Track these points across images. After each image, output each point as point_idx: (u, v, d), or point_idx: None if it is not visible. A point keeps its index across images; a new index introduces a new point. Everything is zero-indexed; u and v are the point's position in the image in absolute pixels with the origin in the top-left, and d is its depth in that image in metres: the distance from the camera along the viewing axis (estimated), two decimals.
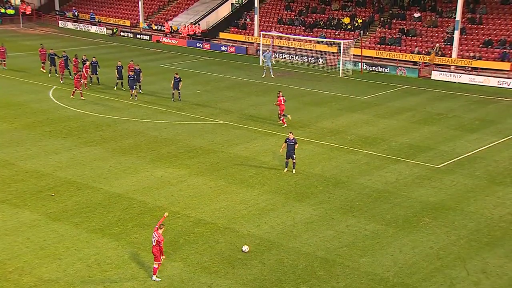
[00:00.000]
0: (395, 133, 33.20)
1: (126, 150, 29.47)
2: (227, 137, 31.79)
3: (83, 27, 72.53)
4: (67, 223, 21.74)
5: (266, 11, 64.18)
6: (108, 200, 23.70)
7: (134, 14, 72.42)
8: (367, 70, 51.28)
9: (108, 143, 30.36)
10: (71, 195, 24.13)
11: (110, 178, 25.83)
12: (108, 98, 39.48)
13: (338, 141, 31.38)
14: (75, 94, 39.08)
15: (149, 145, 30.15)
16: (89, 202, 23.52)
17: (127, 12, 74.02)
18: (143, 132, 32.36)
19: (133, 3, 74.29)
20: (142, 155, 28.82)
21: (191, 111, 36.81)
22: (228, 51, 59.83)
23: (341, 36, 56.10)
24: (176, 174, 26.42)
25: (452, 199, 24.47)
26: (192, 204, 23.42)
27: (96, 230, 21.26)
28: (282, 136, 31.93)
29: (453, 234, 21.53)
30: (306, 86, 44.71)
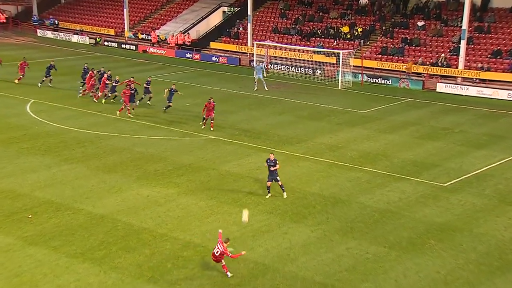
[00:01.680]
0: (398, 149, 33.29)
1: (110, 167, 29.41)
2: (218, 154, 31.79)
3: (64, 36, 72.71)
4: (45, 247, 21.59)
5: (260, 20, 64.54)
6: (90, 221, 23.60)
7: (119, 23, 72.70)
8: (367, 82, 51.51)
9: (90, 160, 30.31)
10: (49, 216, 24.02)
11: (93, 198, 25.75)
12: (91, 112, 39.48)
13: (337, 158, 31.42)
14: (122, 111, 38.43)
15: (135, 162, 30.12)
16: (69, 224, 23.41)
17: (111, 20, 74.31)
18: (129, 148, 32.33)
19: (118, 11, 74.60)
20: (128, 173, 28.77)
21: (180, 126, 36.83)
22: (219, 62, 60.04)
23: (340, 46, 56.40)
24: (164, 193, 26.37)
25: (460, 220, 24.49)
26: (181, 226, 23.36)
27: (76, 255, 21.14)
28: (278, 153, 31.93)
29: (461, 258, 21.51)
30: (303, 99, 44.84)
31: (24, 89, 45.84)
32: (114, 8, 76.17)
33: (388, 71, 52.51)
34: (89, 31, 72.91)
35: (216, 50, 63.12)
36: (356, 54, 53.47)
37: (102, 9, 77.21)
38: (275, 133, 35.82)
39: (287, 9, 64.40)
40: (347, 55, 51.27)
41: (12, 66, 50.32)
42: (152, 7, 74.18)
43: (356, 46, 55.67)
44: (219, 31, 65.03)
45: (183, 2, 73.22)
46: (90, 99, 42.54)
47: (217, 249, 19.59)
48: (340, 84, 49.55)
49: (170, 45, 64.87)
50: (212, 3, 69.44)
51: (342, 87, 49.44)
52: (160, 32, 67.50)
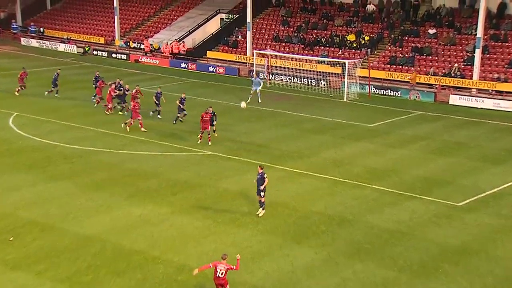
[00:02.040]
0: (408, 165, 33.31)
1: (100, 184, 29.42)
2: (215, 170, 31.80)
3: (50, 45, 72.99)
4: (28, 272, 21.50)
5: (260, 27, 64.82)
6: (77, 243, 23.55)
7: (109, 30, 72.99)
8: (375, 94, 51.64)
9: (78, 177, 30.32)
10: (33, 238, 23.95)
11: (80, 218, 25.72)
12: (78, 126, 39.55)
13: (342, 174, 31.44)
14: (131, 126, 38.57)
15: (126, 179, 30.13)
16: (54, 246, 23.35)
17: (100, 28, 74.61)
18: (120, 164, 32.36)
19: (108, 18, 74.95)
20: (118, 190, 28.77)
21: (174, 140, 36.85)
22: (217, 72, 60.24)
23: (345, 55, 56.61)
24: (157, 212, 26.36)
25: (476, 242, 24.45)
26: (176, 247, 23.33)
27: (62, 279, 21.06)
28: (279, 169, 31.97)
29: (478, 283, 21.44)
30: (305, 112, 44.94)
31: (7, 101, 45.95)
32: (104, 15, 76.51)
33: (397, 82, 52.64)
34: (77, 39, 73.22)
35: (213, 59, 63.32)
36: (363, 64, 53.66)
37: (91, 16, 77.56)
38: (276, 147, 35.87)
39: (289, 16, 64.72)
40: (353, 65, 51.44)
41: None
42: (145, 14, 74.53)
43: (363, 55, 55.86)
44: (217, 40, 65.28)
45: (178, 8, 73.60)
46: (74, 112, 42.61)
47: (220, 270, 19.30)
48: (345, 96, 49.67)
49: (164, 54, 65.11)
50: (209, 9, 69.76)
51: (348, 99, 49.56)
52: (153, 41, 67.77)
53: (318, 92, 52.31)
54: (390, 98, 50.70)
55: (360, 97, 50.11)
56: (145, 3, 76.16)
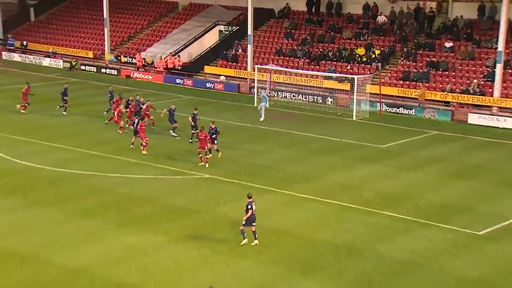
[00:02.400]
0: (423, 189, 33.35)
1: (89, 211, 29.46)
2: (214, 194, 31.86)
3: (33, 60, 73.33)
4: None
5: (262, 40, 65.13)
6: (64, 276, 23.49)
7: (98, 44, 73.35)
8: (387, 112, 51.78)
9: (65, 203, 30.36)
10: (13, 270, 23.77)
11: (68, 248, 25.71)
12: (64, 147, 39.68)
13: (351, 199, 31.49)
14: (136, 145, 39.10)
15: (118, 205, 30.19)
16: (37, 279, 23.19)
17: (89, 41, 74.95)
18: (111, 189, 32.42)
19: (97, 30, 75.31)
20: (110, 217, 28.83)
21: (169, 162, 36.96)
22: (215, 88, 60.45)
23: (354, 71, 56.82)
24: (151, 241, 26.40)
25: (497, 274, 24.38)
26: (171, 279, 23.35)
27: None
28: (283, 193, 32.00)
29: None
30: (311, 131, 45.05)
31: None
32: (92, 27, 76.88)
33: (410, 100, 52.77)
34: (63, 53, 73.54)
35: (211, 75, 63.55)
36: (373, 79, 53.80)
37: (78, 28, 77.93)
38: (279, 170, 35.92)
39: (293, 28, 65.07)
40: (362, 80, 51.57)
41: None
42: (137, 26, 74.94)
43: (373, 70, 56.08)
44: (215, 53, 65.54)
45: (173, 20, 74.02)
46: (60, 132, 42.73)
47: None
48: (354, 114, 49.77)
49: (158, 69, 65.36)
50: (206, 21, 70.14)
51: (357, 117, 49.66)
52: (146, 55, 68.09)
53: (325, 110, 52.38)
54: (403, 117, 50.80)
55: (371, 116, 50.19)
56: (137, 14, 76.61)
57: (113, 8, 74.56)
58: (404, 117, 50.68)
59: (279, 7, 67.83)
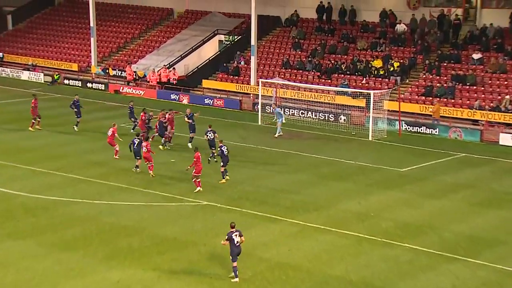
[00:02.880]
0: (449, 219, 33.15)
1: (70, 243, 29.27)
2: (212, 224, 31.66)
3: (10, 73, 73.38)
4: None
5: (267, 51, 65.23)
6: None
7: (84, 55, 73.55)
8: (407, 131, 51.67)
9: (43, 234, 30.17)
10: None
11: (44, 285, 25.48)
12: (45, 172, 39.57)
13: (368, 230, 31.28)
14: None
15: (103, 236, 29.99)
16: None
17: (73, 52, 75.18)
18: (95, 217, 32.26)
19: (83, 40, 75.63)
20: (92, 250, 28.63)
21: (162, 188, 36.82)
22: (214, 105, 60.42)
23: (370, 85, 56.78)
24: (140, 277, 26.19)
25: None
26: None
27: None
28: (290, 223, 31.80)
29: None
30: (322, 153, 44.95)
31: None
32: (77, 37, 77.18)
33: (433, 118, 52.63)
34: (44, 65, 73.77)
35: (210, 90, 63.58)
36: (391, 95, 53.74)
37: (61, 37, 78.23)
38: (287, 196, 35.77)
39: (302, 37, 65.17)
40: (379, 96, 51.55)
41: None
42: (128, 35, 75.17)
43: (392, 85, 56.02)
44: (214, 66, 65.67)
45: (168, 29, 74.27)
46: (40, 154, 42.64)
47: None
48: (371, 134, 49.71)
49: (151, 83, 65.42)
50: (205, 30, 70.35)
51: (374, 138, 49.59)
52: (137, 67, 68.18)
53: (338, 129, 52.33)
54: (426, 137, 50.68)
55: (389, 136, 50.13)
56: (127, 23, 76.95)
57: (100, 15, 74.89)
58: (426, 137, 50.55)
59: (286, 14, 68.07)
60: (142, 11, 77.79)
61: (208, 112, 57.76)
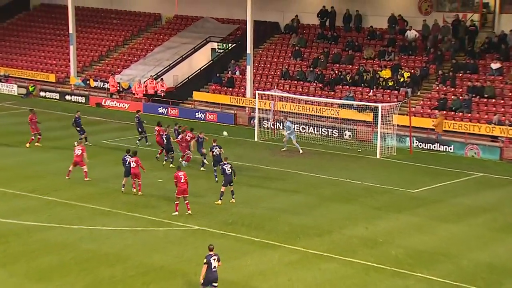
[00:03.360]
0: (466, 246, 33.07)
1: (45, 273, 29.09)
2: (203, 251, 31.25)
3: None
4: None
5: (265, 60, 65.28)
6: None
7: (62, 65, 73.56)
8: (419, 148, 51.67)
9: (15, 264, 29.98)
10: None
11: None
12: (17, 193, 39.43)
13: (376, 258, 31.16)
14: None
15: (82, 265, 29.82)
16: None
17: (50, 61, 75.17)
18: (73, 244, 32.10)
19: (61, 48, 75.68)
20: (70, 281, 28.47)
21: (148, 211, 36.70)
22: (206, 119, 60.39)
23: (378, 98, 56.77)
24: None
25: None
26: None
27: None
28: (290, 250, 31.67)
29: None
30: (325, 173, 44.92)
31: None
32: (55, 44, 77.20)
33: (449, 134, 52.66)
34: (18, 76, 73.66)
35: (201, 103, 63.54)
36: (401, 108, 53.78)
37: (37, 45, 78.24)
38: (286, 221, 35.66)
39: (303, 45, 65.23)
40: (388, 110, 51.55)
41: None
42: (111, 43, 75.20)
43: (402, 97, 56.01)
44: (206, 77, 65.67)
45: (155, 36, 74.33)
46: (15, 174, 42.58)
47: None
48: (378, 151, 49.70)
49: (136, 96, 65.38)
50: (196, 37, 70.43)
51: (382, 155, 49.57)
52: (121, 78, 68.16)
53: (342, 146, 52.35)
54: (439, 155, 50.68)
55: (398, 153, 50.13)
56: (110, 29, 77.05)
57: (80, 21, 75.00)
58: (440, 155, 50.57)
59: (285, 20, 68.18)
60: (127, 16, 77.88)
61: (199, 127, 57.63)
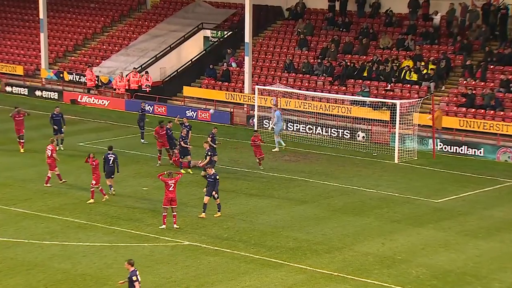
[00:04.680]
0: (500, 265, 33.03)
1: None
2: (195, 271, 31.53)
3: None
4: None
5: (266, 50, 65.31)
6: None
7: (32, 55, 73.61)
8: (443, 152, 51.73)
9: None
10: None
11: None
12: None
13: (394, 278, 31.15)
14: None
15: None
16: None
17: (18, 51, 75.23)
18: (44, 263, 32.11)
19: (30, 36, 75.73)
20: None
21: (131, 224, 36.75)
22: (198, 118, 60.41)
23: (396, 93, 56.75)
24: None
25: None
26: None
27: None
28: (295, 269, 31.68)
29: None
30: (335, 180, 44.99)
31: None
32: (23, 32, 77.27)
33: (478, 135, 52.72)
34: None
35: (192, 99, 63.58)
36: (423, 105, 53.76)
37: (3, 33, 78.20)
38: (290, 235, 35.70)
39: (309, 33, 65.20)
40: (408, 107, 51.52)
41: None
42: (88, 30, 75.20)
43: (424, 93, 56.03)
44: (199, 69, 65.70)
45: (139, 22, 74.39)
46: None
47: None
48: (396, 155, 49.75)
49: (117, 91, 65.36)
50: (186, 23, 70.51)
51: (401, 160, 49.61)
52: (100, 71, 68.19)
53: (354, 149, 52.39)
54: (467, 159, 50.73)
55: (420, 157, 50.22)
56: (87, 14, 77.02)
57: (53, 4, 75.37)
58: (468, 160, 50.62)
59: (289, 4, 68.28)
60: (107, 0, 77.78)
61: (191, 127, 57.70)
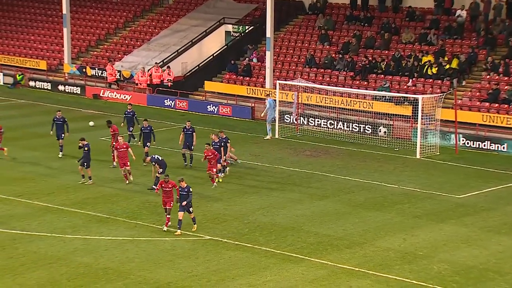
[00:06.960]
0: None
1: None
2: (216, 266, 31.50)
3: None
4: None
5: (287, 45, 65.22)
6: None
7: (55, 50, 73.77)
8: (466, 147, 51.54)
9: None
10: None
11: None
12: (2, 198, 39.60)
13: (416, 274, 31.04)
14: None
15: (76, 282, 29.83)
16: None
17: (41, 46, 75.42)
18: (66, 257, 32.14)
19: (53, 31, 75.92)
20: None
21: (153, 217, 36.77)
22: (219, 113, 60.42)
23: (418, 88, 56.57)
24: None
25: None
26: None
27: None
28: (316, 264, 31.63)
29: None
30: (356, 175, 44.93)
31: None
32: (46, 27, 77.44)
33: (501, 130, 52.52)
34: (4, 63, 73.93)
35: (214, 94, 63.58)
36: (445, 101, 53.56)
37: (26, 28, 78.46)
38: (310, 230, 35.67)
39: (331, 28, 65.10)
40: (430, 102, 51.35)
41: None
42: (110, 26, 75.31)
43: (446, 88, 55.83)
44: (220, 64, 65.66)
45: (161, 17, 74.40)
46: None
47: None
48: (418, 150, 49.60)
49: (139, 86, 65.41)
50: (208, 18, 70.49)
51: (423, 155, 49.47)
52: (122, 66, 68.29)
53: (376, 144, 52.32)
54: (490, 155, 50.55)
55: (442, 153, 50.08)
56: (110, 9, 77.15)
57: (76, 0, 74.95)
58: (491, 155, 50.44)
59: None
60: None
61: (211, 122, 57.73)
